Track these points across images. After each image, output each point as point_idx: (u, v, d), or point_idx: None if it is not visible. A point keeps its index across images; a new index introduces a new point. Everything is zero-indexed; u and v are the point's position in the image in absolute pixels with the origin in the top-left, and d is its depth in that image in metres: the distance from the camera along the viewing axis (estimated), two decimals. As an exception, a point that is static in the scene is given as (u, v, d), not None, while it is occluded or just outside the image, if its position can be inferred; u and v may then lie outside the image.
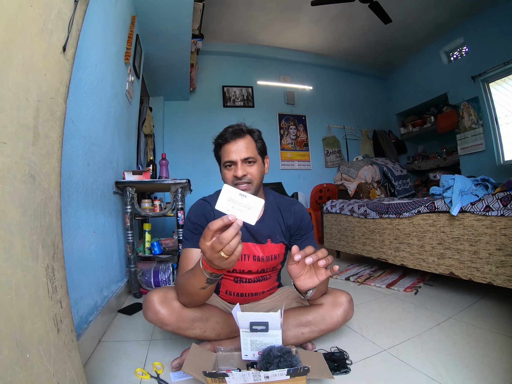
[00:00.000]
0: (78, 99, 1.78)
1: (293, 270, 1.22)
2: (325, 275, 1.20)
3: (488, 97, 5.39)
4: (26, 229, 0.74)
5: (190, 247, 1.54)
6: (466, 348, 1.56)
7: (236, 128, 1.57)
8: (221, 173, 1.64)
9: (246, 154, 1.54)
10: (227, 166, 1.57)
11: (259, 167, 1.59)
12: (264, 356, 1.23)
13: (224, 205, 0.99)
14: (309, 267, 1.24)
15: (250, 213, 0.98)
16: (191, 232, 1.58)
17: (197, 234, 1.55)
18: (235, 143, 1.55)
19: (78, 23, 0.97)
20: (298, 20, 5.57)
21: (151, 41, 4.02)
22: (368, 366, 1.45)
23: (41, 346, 0.75)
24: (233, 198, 0.99)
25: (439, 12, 5.37)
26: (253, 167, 1.56)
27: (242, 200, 0.98)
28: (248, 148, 1.56)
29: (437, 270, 2.46)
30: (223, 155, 1.59)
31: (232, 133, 1.56)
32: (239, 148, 1.54)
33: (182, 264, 1.51)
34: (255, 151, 1.59)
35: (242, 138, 1.56)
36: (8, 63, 0.70)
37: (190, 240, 1.56)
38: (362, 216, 3.38)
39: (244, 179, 1.53)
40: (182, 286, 1.34)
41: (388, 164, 6.27)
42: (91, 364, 1.52)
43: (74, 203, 1.70)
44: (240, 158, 1.53)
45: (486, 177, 2.39)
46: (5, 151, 0.67)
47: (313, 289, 1.34)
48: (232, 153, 1.54)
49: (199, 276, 1.17)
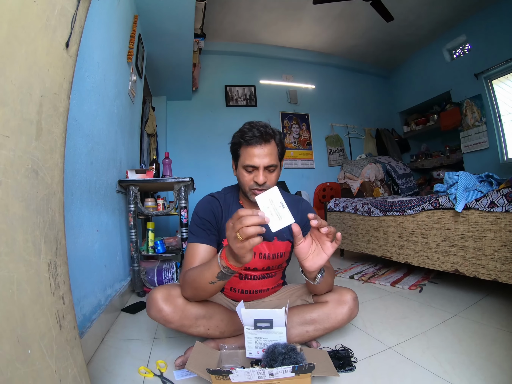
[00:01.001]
0: (81, 98, 1.78)
1: (301, 250, 1.22)
2: (332, 248, 1.20)
3: (491, 94, 5.37)
4: (29, 223, 0.73)
5: (196, 242, 1.52)
6: (472, 346, 1.55)
7: (263, 132, 1.46)
8: (237, 171, 1.58)
9: (270, 162, 1.47)
10: (247, 169, 1.50)
11: (277, 173, 1.55)
12: (268, 353, 1.23)
13: (264, 201, 1.02)
14: (315, 245, 1.24)
15: (277, 222, 1.01)
16: (198, 227, 1.56)
17: (204, 229, 1.55)
18: (260, 148, 1.47)
19: (81, 20, 0.96)
20: (301, 19, 5.57)
21: (153, 40, 4.02)
22: (374, 363, 1.44)
23: (43, 343, 0.74)
24: (274, 201, 1.02)
25: (442, 10, 5.35)
26: (273, 174, 1.52)
27: (279, 208, 1.01)
28: (271, 155, 1.49)
29: (442, 268, 2.44)
30: (244, 156, 1.50)
31: (260, 137, 1.46)
32: (263, 154, 1.46)
33: (187, 258, 1.50)
34: (277, 157, 1.53)
35: (268, 143, 1.49)
36: (11, 58, 0.70)
37: (197, 236, 1.54)
38: (366, 214, 3.37)
39: (263, 186, 1.47)
40: (191, 279, 1.31)
41: (391, 163, 6.26)
42: (94, 362, 1.52)
43: (78, 201, 1.70)
44: (263, 165, 1.46)
45: (490, 173, 2.38)
46: (8, 145, 0.67)
47: (322, 273, 1.34)
48: (255, 157, 1.46)
49: (212, 269, 1.17)
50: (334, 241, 1.19)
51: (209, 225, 1.56)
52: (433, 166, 6.53)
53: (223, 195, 1.70)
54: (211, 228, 1.56)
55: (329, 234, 1.16)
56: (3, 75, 0.67)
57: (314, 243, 1.24)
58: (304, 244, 1.22)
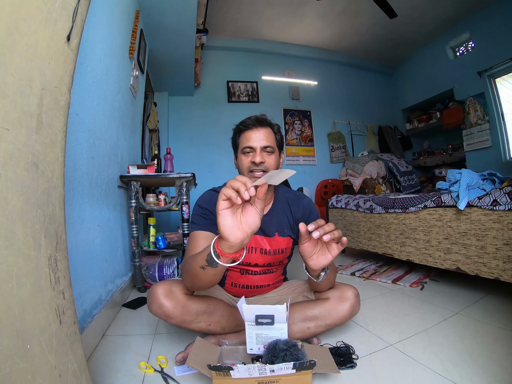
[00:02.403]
0: (82, 92, 1.77)
1: (306, 249, 1.22)
2: (337, 249, 1.20)
3: (494, 92, 5.35)
4: (29, 217, 0.73)
5: (198, 230, 1.53)
6: (473, 344, 1.55)
7: (259, 117, 1.60)
8: (237, 160, 1.66)
9: (266, 143, 1.56)
10: (245, 152, 1.58)
11: (276, 158, 1.61)
12: (269, 349, 1.22)
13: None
14: (321, 244, 1.24)
15: (278, 176, 0.94)
16: (200, 217, 1.58)
17: (207, 219, 1.56)
18: (257, 130, 1.58)
19: (82, 14, 0.96)
20: (304, 15, 5.54)
21: (156, 36, 4.01)
22: (375, 361, 1.44)
23: (43, 337, 0.74)
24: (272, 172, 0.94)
25: (445, 7, 5.33)
26: (271, 157, 1.58)
27: (276, 171, 0.94)
28: (268, 137, 1.58)
29: (444, 266, 2.44)
30: (243, 141, 1.61)
31: (255, 120, 1.59)
32: (260, 136, 1.57)
33: (189, 246, 1.50)
34: (274, 142, 1.62)
35: (264, 127, 1.59)
36: (12, 49, 0.69)
37: (199, 224, 1.55)
38: (368, 211, 3.36)
39: (260, 166, 1.54)
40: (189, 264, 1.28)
41: (393, 160, 6.25)
42: (94, 357, 1.52)
43: (79, 196, 1.70)
44: (260, 146, 1.55)
45: (493, 171, 2.37)
46: (8, 137, 0.66)
47: (326, 271, 1.34)
48: (252, 139, 1.56)
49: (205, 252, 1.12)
50: (340, 243, 1.18)
51: (211, 215, 1.57)
52: (435, 164, 6.51)
53: None
54: (212, 218, 1.57)
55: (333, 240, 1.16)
56: (4, 66, 0.67)
57: (319, 242, 1.24)
58: (309, 243, 1.22)
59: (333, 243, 1.19)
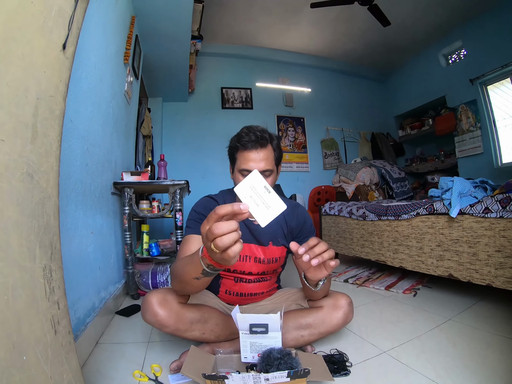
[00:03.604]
0: (77, 99, 1.77)
1: (301, 264, 1.21)
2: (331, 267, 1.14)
3: (486, 99, 5.40)
4: (24, 228, 0.72)
5: (192, 233, 1.52)
6: (466, 350, 1.56)
7: (259, 136, 1.47)
8: (233, 174, 1.59)
9: (265, 166, 1.48)
10: (243, 174, 1.50)
11: (273, 178, 1.56)
12: (264, 358, 1.22)
13: (244, 190, 0.86)
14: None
15: (266, 214, 0.87)
16: (195, 221, 1.57)
17: (200, 222, 1.53)
18: (256, 152, 1.47)
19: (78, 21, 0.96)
20: (298, 22, 5.57)
21: (151, 41, 4.01)
22: (368, 368, 1.44)
23: (38, 348, 0.74)
24: (256, 188, 0.86)
25: (438, 15, 5.38)
26: (269, 178, 1.51)
27: (264, 195, 0.86)
28: (268, 159, 1.49)
29: (436, 272, 2.45)
30: (240, 160, 1.51)
31: (255, 141, 1.46)
32: (259, 158, 1.47)
33: (182, 249, 1.49)
34: (273, 162, 1.53)
35: (264, 148, 1.49)
36: (7, 59, 0.69)
37: (192, 228, 1.55)
38: (361, 218, 3.37)
39: None
40: (178, 271, 1.26)
41: (386, 167, 6.27)
42: (88, 366, 1.50)
43: (72, 203, 1.69)
44: (259, 169, 1.37)
45: (485, 179, 2.40)
46: (3, 148, 0.66)
47: (324, 280, 1.33)
48: (251, 162, 1.47)
49: (196, 265, 1.06)
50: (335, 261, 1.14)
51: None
52: (427, 170, 6.55)
53: (221, 197, 1.71)
54: None
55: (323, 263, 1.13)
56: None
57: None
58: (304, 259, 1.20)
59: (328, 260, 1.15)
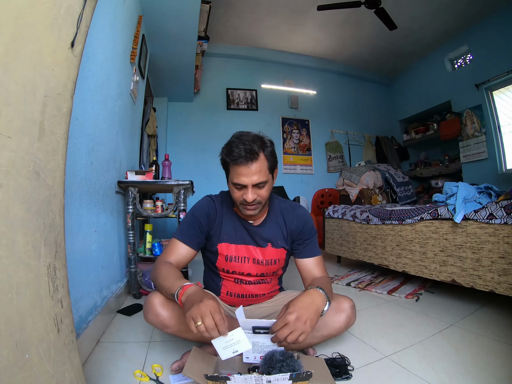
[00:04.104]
0: (83, 97, 1.77)
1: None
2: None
3: (491, 105, 5.39)
4: (29, 226, 0.73)
5: (179, 240, 1.57)
6: (468, 356, 1.55)
7: (248, 149, 1.38)
8: (228, 184, 1.55)
9: (258, 179, 1.42)
10: (236, 187, 1.47)
11: (269, 187, 1.50)
12: (266, 360, 1.22)
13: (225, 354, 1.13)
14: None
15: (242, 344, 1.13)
16: (187, 226, 1.61)
17: (192, 229, 1.59)
18: (247, 167, 1.40)
19: (87, 20, 0.96)
20: (304, 24, 5.58)
21: (157, 41, 4.03)
22: (370, 372, 1.44)
23: (41, 347, 0.74)
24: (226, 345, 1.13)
25: (445, 20, 5.38)
26: (263, 189, 1.47)
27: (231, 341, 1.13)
28: (260, 171, 1.42)
29: (439, 278, 2.44)
30: (232, 174, 1.46)
31: (245, 154, 1.38)
32: (251, 172, 1.40)
33: (167, 250, 1.57)
34: (266, 171, 1.46)
35: (255, 161, 1.41)
36: (16, 56, 0.69)
37: (182, 234, 1.59)
38: (364, 222, 3.37)
39: (253, 202, 1.46)
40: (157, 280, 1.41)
41: (390, 170, 6.26)
42: (89, 364, 1.50)
43: (77, 201, 1.69)
44: (252, 183, 1.41)
45: (490, 185, 2.39)
46: (10, 145, 0.66)
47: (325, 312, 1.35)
48: (243, 176, 1.41)
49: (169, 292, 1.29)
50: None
51: (198, 225, 1.60)
52: (431, 175, 6.55)
53: (220, 198, 1.72)
54: (197, 230, 1.60)
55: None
56: (7, 73, 0.67)
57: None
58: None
59: None
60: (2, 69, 0.65)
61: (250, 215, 1.56)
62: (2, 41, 0.65)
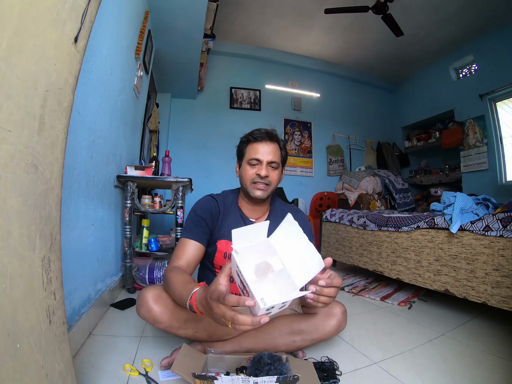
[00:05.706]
0: (86, 91, 1.77)
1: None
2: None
3: (494, 116, 5.39)
4: (25, 218, 0.73)
5: (188, 238, 1.57)
6: (456, 366, 1.56)
7: (269, 131, 1.64)
8: (240, 169, 1.69)
9: (273, 158, 1.61)
10: (251, 163, 1.62)
11: (278, 173, 1.68)
12: (254, 362, 1.23)
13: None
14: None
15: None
16: (193, 224, 1.61)
17: (199, 227, 1.60)
18: (266, 144, 1.62)
19: (91, 15, 0.97)
20: (311, 27, 5.58)
21: (163, 37, 4.04)
22: (358, 378, 1.44)
23: (32, 337, 0.74)
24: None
25: (451, 28, 5.38)
26: (275, 172, 1.64)
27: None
28: (275, 153, 1.63)
29: (433, 286, 2.45)
30: (250, 151, 1.64)
31: (265, 134, 1.62)
32: (267, 150, 1.61)
33: (177, 252, 1.54)
34: (279, 158, 1.67)
35: (272, 142, 1.64)
36: (19, 50, 0.69)
37: (190, 232, 1.59)
38: (361, 227, 3.37)
39: (264, 180, 1.60)
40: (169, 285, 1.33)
41: (390, 177, 6.26)
42: (80, 356, 1.51)
43: (75, 194, 1.70)
44: (267, 160, 1.60)
45: (488, 196, 2.39)
46: (10, 139, 0.67)
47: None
48: (260, 152, 1.60)
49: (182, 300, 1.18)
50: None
51: (204, 224, 1.61)
52: (431, 183, 6.55)
53: (222, 197, 1.75)
54: (204, 227, 1.61)
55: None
56: (9, 67, 0.67)
57: None
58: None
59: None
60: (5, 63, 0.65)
61: (258, 196, 1.62)
62: (6, 35, 0.65)
